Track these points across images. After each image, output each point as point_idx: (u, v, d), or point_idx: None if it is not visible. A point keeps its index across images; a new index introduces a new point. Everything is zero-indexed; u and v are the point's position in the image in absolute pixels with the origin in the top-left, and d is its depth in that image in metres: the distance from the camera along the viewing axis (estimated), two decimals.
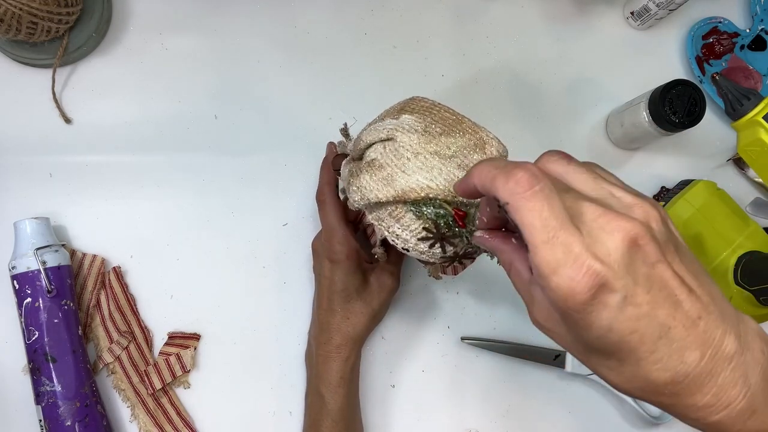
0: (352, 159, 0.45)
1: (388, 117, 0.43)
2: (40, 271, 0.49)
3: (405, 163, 0.40)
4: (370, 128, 0.43)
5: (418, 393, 0.57)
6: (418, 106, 0.43)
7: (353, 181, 0.42)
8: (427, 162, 0.40)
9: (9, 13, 0.49)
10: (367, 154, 0.42)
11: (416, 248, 0.41)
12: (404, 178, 0.40)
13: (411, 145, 0.40)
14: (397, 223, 0.41)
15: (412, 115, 0.42)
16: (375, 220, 0.42)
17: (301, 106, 0.61)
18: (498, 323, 0.59)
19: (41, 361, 0.49)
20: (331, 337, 0.52)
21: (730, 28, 0.67)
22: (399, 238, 0.41)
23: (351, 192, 0.42)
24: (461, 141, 0.41)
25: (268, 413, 0.55)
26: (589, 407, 0.59)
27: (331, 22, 0.63)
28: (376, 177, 0.41)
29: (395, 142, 0.41)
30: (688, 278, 0.28)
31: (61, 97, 0.58)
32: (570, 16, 0.67)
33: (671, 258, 0.28)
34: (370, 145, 0.42)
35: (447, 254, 0.41)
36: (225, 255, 0.57)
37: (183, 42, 0.60)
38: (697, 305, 0.27)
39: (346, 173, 0.45)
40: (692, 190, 0.58)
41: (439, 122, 0.41)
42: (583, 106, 0.65)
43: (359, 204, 0.42)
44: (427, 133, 0.41)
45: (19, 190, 0.56)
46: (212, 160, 0.59)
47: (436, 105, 0.43)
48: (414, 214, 0.40)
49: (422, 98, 0.44)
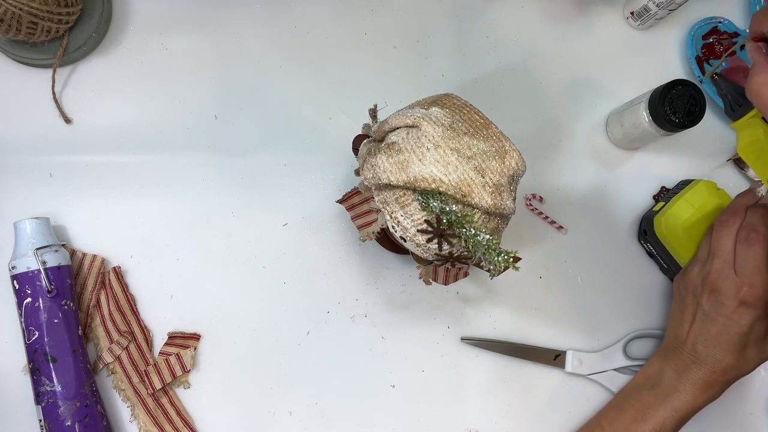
0: (374, 140, 0.46)
1: (418, 106, 0.44)
2: (40, 271, 0.49)
3: (423, 152, 0.40)
4: (398, 113, 0.44)
5: (418, 393, 0.57)
6: (450, 102, 0.43)
7: (369, 159, 0.43)
8: (445, 156, 0.40)
9: (9, 13, 0.49)
10: (389, 137, 0.43)
11: (414, 239, 0.41)
12: (419, 166, 0.40)
13: (433, 137, 0.40)
14: (402, 210, 0.41)
15: (442, 109, 0.42)
16: (381, 203, 0.42)
17: (301, 106, 0.61)
18: (498, 323, 0.59)
19: (41, 361, 0.49)
20: (718, 381, 0.50)
21: (730, 28, 0.67)
22: (399, 225, 0.42)
23: (365, 169, 0.43)
24: (483, 145, 0.41)
25: (268, 413, 0.55)
26: (589, 407, 0.59)
27: (331, 22, 0.63)
28: (393, 160, 0.41)
29: (419, 130, 0.41)
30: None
31: (61, 97, 0.58)
32: (570, 16, 0.67)
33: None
34: (395, 129, 0.43)
35: (442, 252, 0.42)
36: (225, 255, 0.57)
37: (183, 42, 0.60)
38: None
39: (364, 152, 0.45)
40: (692, 190, 0.58)
41: (467, 122, 0.42)
42: (583, 106, 0.65)
43: (369, 182, 0.42)
44: (452, 129, 0.41)
45: (19, 190, 0.56)
46: (212, 160, 0.59)
47: (468, 105, 0.44)
48: (420, 204, 0.41)
49: (456, 96, 0.44)
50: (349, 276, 0.58)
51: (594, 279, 0.61)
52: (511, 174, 0.42)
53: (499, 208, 0.41)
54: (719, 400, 0.51)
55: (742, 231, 0.50)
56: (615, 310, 0.61)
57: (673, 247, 0.57)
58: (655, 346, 0.60)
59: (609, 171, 0.64)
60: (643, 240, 0.62)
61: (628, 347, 0.60)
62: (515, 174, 0.42)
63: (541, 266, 0.61)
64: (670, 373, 0.52)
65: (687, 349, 0.51)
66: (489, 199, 0.40)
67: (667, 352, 0.53)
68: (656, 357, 0.54)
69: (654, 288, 0.62)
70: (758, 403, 0.61)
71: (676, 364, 0.52)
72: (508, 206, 0.42)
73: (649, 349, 0.61)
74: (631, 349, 0.61)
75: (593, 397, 0.59)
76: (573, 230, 0.62)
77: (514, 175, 0.42)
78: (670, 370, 0.52)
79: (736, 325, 0.49)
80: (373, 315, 0.58)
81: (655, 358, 0.54)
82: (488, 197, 0.40)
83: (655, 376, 0.53)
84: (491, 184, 0.41)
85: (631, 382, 0.55)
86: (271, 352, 0.56)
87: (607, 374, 0.59)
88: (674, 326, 0.54)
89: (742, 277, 0.49)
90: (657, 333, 0.60)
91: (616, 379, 0.59)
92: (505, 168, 0.41)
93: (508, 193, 0.42)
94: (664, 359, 0.53)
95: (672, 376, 0.51)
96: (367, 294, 0.58)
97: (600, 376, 0.59)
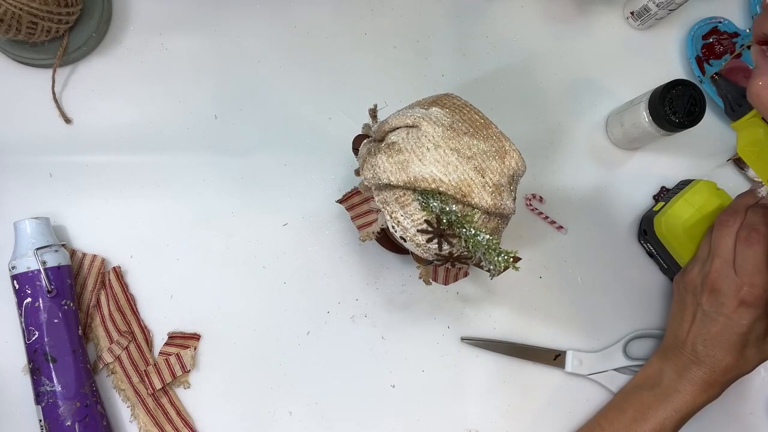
0: (374, 140, 0.46)
1: (418, 106, 0.44)
2: (40, 271, 0.49)
3: (423, 152, 0.40)
4: (398, 113, 0.44)
5: (418, 393, 0.57)
6: (450, 102, 0.43)
7: (369, 159, 0.43)
8: (445, 156, 0.40)
9: (9, 13, 0.49)
10: (389, 137, 0.43)
11: (414, 239, 0.41)
12: (419, 166, 0.40)
13: (433, 137, 0.40)
14: (402, 210, 0.41)
15: (442, 109, 0.42)
16: (381, 203, 0.42)
17: (301, 106, 0.61)
18: (498, 323, 0.59)
19: (41, 361, 0.49)
20: (717, 381, 0.50)
21: (730, 28, 0.67)
22: (399, 225, 0.42)
23: (365, 170, 0.43)
24: (483, 145, 0.41)
25: (268, 413, 0.55)
26: (589, 407, 0.59)
27: (331, 22, 0.63)
28: (393, 159, 0.41)
29: (419, 130, 0.41)
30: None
31: (61, 97, 0.58)
32: (570, 16, 0.67)
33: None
34: (395, 129, 0.43)
35: (442, 252, 0.42)
36: (225, 255, 0.57)
37: (183, 42, 0.60)
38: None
39: (364, 152, 0.45)
40: (692, 190, 0.58)
41: (467, 122, 0.42)
42: (583, 106, 0.65)
43: (369, 183, 0.42)
44: (452, 129, 0.41)
45: (19, 190, 0.56)
46: (212, 160, 0.59)
47: (468, 105, 0.44)
48: (420, 204, 0.41)
49: (456, 96, 0.44)
50: (349, 276, 0.58)
51: (594, 279, 0.61)
52: (511, 174, 0.42)
53: (499, 208, 0.41)
54: (719, 400, 0.51)
55: (742, 231, 0.50)
56: (615, 310, 0.61)
57: (673, 247, 0.57)
58: (655, 346, 0.60)
59: (609, 171, 0.64)
60: (643, 240, 0.62)
61: (628, 347, 0.60)
62: (515, 174, 0.42)
63: (541, 266, 0.61)
64: (669, 373, 0.52)
65: (687, 349, 0.51)
66: (489, 199, 0.40)
67: (667, 352, 0.53)
68: (656, 357, 0.54)
69: (654, 288, 0.62)
70: (758, 403, 0.61)
71: (676, 364, 0.52)
72: (508, 206, 0.42)
73: (649, 349, 0.61)
74: (631, 349, 0.61)
75: (593, 397, 0.59)
76: (573, 230, 0.62)
77: (514, 175, 0.42)
78: (670, 370, 0.52)
79: (736, 324, 0.49)
80: (373, 315, 0.58)
81: (654, 358, 0.54)
82: (488, 197, 0.40)
83: (655, 376, 0.53)
84: (491, 184, 0.41)
85: (630, 382, 0.55)
86: (271, 352, 0.56)
87: (607, 374, 0.59)
88: (674, 326, 0.54)
89: (742, 276, 0.49)
90: (657, 333, 0.60)
91: (616, 379, 0.59)
92: (505, 168, 0.41)
93: (508, 193, 0.42)
94: (664, 359, 0.53)
95: (672, 376, 0.51)
96: (367, 294, 0.58)
97: (600, 376, 0.59)
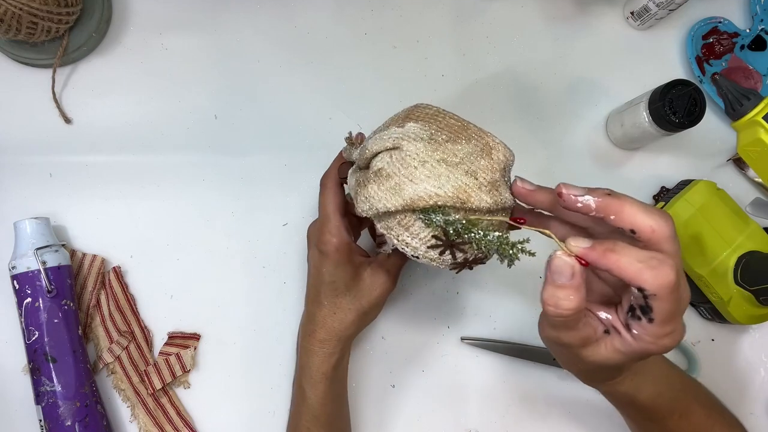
0: (358, 168, 0.45)
1: (393, 125, 0.43)
2: (40, 271, 0.49)
3: (412, 171, 0.40)
4: (375, 137, 0.43)
5: (418, 393, 0.57)
6: (423, 114, 0.43)
7: (361, 191, 0.42)
8: (434, 170, 0.40)
9: (9, 13, 0.50)
10: (374, 164, 0.42)
11: (426, 255, 0.41)
12: (412, 186, 0.40)
13: (417, 154, 0.40)
14: (407, 232, 0.41)
15: (417, 122, 0.42)
16: (384, 229, 0.42)
17: (301, 106, 0.61)
18: (498, 323, 0.59)
19: (41, 361, 0.49)
20: (315, 330, 0.50)
21: (730, 28, 0.67)
22: (409, 246, 0.41)
23: (359, 202, 0.42)
24: (468, 147, 0.41)
25: (268, 413, 0.55)
26: (589, 407, 0.59)
27: (331, 22, 0.63)
28: (384, 187, 0.41)
29: (402, 151, 0.41)
30: None
31: (61, 97, 0.58)
32: (570, 16, 0.67)
33: None
34: (376, 154, 0.42)
35: (457, 260, 0.42)
36: (225, 255, 0.57)
37: (183, 42, 0.60)
38: None
39: (353, 183, 0.45)
40: (692, 190, 0.58)
41: (445, 129, 0.41)
42: (583, 106, 0.65)
43: (368, 213, 0.42)
44: (433, 141, 0.41)
45: (19, 190, 0.56)
46: (212, 160, 0.59)
47: (441, 112, 0.43)
48: (423, 222, 0.40)
49: (427, 105, 0.44)
50: None
51: None
52: (502, 167, 0.42)
53: (499, 204, 0.41)
54: None
55: None
56: None
57: None
58: None
59: (609, 171, 0.64)
60: None
61: None
62: (506, 166, 0.42)
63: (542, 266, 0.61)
64: None
65: None
66: (488, 198, 0.40)
67: None
68: None
69: None
70: (758, 403, 0.61)
71: None
72: (508, 199, 0.42)
73: None
74: None
75: (593, 397, 0.59)
76: None
77: (505, 167, 0.42)
78: None
79: (320, 273, 0.49)
80: None
81: None
82: (487, 197, 0.40)
83: None
84: (486, 183, 0.40)
85: None
86: (271, 352, 0.56)
87: None
88: None
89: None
90: None
91: None
92: (495, 163, 0.41)
93: (504, 187, 0.42)
94: None
95: None
96: None
97: None
